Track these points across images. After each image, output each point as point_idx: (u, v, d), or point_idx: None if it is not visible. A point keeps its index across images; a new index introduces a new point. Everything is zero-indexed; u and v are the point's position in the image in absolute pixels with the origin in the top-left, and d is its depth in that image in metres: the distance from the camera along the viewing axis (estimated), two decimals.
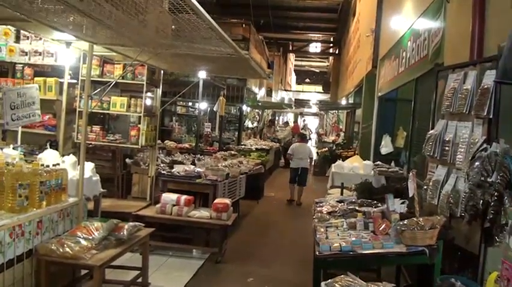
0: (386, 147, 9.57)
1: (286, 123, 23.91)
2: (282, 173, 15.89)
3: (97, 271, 3.47)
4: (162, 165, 7.30)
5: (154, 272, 5.03)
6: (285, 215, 9.21)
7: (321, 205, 4.43)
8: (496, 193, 3.03)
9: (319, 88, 35.89)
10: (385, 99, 9.73)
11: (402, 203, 3.69)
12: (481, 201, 3.05)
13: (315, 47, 32.72)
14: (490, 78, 3.21)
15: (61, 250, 3.45)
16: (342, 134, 18.59)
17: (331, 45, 29.84)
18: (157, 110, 6.87)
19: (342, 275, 2.54)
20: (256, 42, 14.45)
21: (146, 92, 6.31)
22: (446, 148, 3.66)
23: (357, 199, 4.48)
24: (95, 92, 5.24)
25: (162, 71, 6.77)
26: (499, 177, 3.00)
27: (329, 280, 2.54)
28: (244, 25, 13.00)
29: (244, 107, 15.07)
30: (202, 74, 7.87)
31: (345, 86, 20.76)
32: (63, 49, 4.95)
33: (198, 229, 6.20)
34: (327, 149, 17.64)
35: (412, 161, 5.94)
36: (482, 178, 3.03)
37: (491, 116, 3.18)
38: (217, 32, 3.58)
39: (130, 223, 4.21)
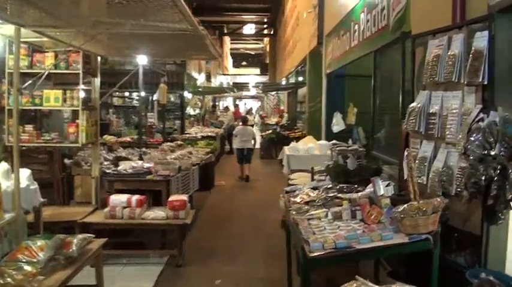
0: (338, 125, 9.36)
1: (227, 108, 23.32)
2: (229, 159, 15.40)
3: None
4: (105, 163, 6.56)
5: (110, 286, 4.40)
6: (241, 203, 8.76)
7: (294, 194, 3.99)
8: (499, 167, 2.75)
9: (257, 71, 35.57)
10: (333, 76, 9.47)
11: (387, 185, 3.33)
12: (484, 177, 2.75)
13: (249, 29, 32.26)
14: (482, 41, 2.89)
15: (1, 282, 2.77)
16: (286, 115, 18.35)
17: (266, 26, 29.52)
18: (97, 102, 6.11)
19: (353, 282, 2.12)
20: None
21: (83, 82, 5.55)
22: (432, 121, 3.34)
23: (332, 184, 4.09)
24: (25, 85, 4.45)
25: (99, 58, 5.98)
26: (502, 149, 2.71)
27: None
28: None
29: (185, 94, 14.32)
30: (142, 60, 7.09)
31: (284, 66, 20.52)
32: None
33: (152, 231, 5.60)
34: (271, 131, 17.36)
35: (376, 138, 5.67)
36: (485, 151, 2.72)
37: (486, 83, 2.87)
38: None
39: (79, 236, 3.56)
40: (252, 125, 22.11)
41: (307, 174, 5.78)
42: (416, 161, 3.45)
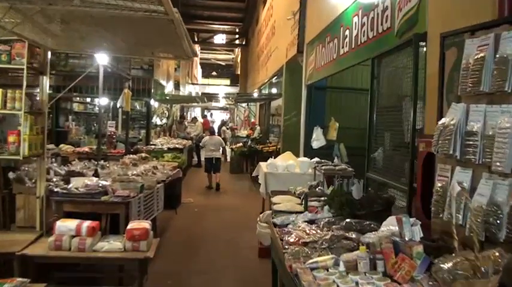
0: (318, 140, 8.67)
1: (195, 119, 22.32)
2: (196, 172, 14.48)
3: None
4: (55, 179, 5.53)
5: None
6: (212, 225, 7.86)
7: (287, 229, 3.16)
8: None
9: (227, 82, 34.74)
10: (314, 88, 8.78)
11: (412, 225, 2.55)
12: None
13: (221, 39, 31.53)
14: None
15: None
16: (258, 127, 17.57)
17: (237, 36, 28.85)
18: (45, 105, 5.11)
19: None
20: None
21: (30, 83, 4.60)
22: (471, 143, 2.60)
23: (334, 217, 3.29)
24: None
25: (49, 53, 5.01)
26: None
27: None
28: None
29: (152, 102, 13.33)
30: (102, 60, 6.17)
31: (257, 77, 19.81)
32: None
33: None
34: (241, 144, 16.53)
35: (372, 158, 4.93)
36: None
37: None
38: None
39: (19, 280, 2.61)
40: (224, 138, 21.28)
41: (293, 198, 4.97)
42: (448, 194, 2.69)
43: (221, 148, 12.04)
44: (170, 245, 6.34)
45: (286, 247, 2.82)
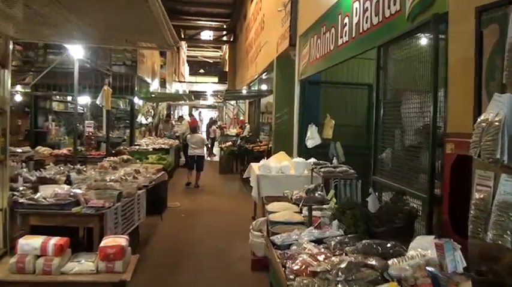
0: (313, 139, 8.12)
1: (181, 118, 21.61)
2: (184, 173, 13.75)
3: None
4: (21, 188, 4.90)
5: None
6: (200, 232, 7.26)
7: (290, 253, 2.59)
8: None
9: (214, 79, 34.02)
10: (308, 83, 8.22)
11: (454, 248, 2.00)
12: None
13: (208, 36, 30.85)
14: None
15: None
16: (247, 126, 16.98)
17: (225, 32, 28.17)
18: (6, 103, 4.48)
19: None
20: None
21: None
22: None
23: (345, 235, 2.72)
24: None
25: (11, 44, 4.37)
26: None
27: None
28: None
29: (136, 100, 12.67)
30: (77, 53, 5.53)
31: (246, 74, 19.21)
32: None
33: None
34: (231, 143, 15.93)
35: (379, 159, 4.39)
36: None
37: None
38: None
39: None
40: (214, 137, 20.68)
41: (290, 205, 4.42)
42: (492, 208, 2.15)
43: (204, 146, 12.02)
44: (153, 256, 5.73)
45: (291, 277, 2.25)
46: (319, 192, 4.93)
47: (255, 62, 16.03)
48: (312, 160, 6.66)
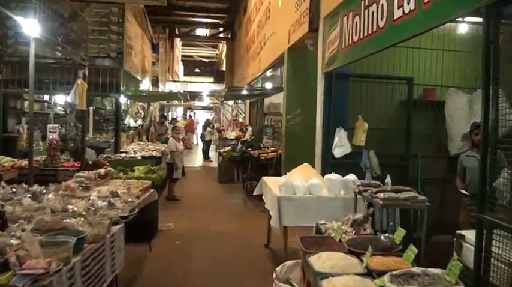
0: (341, 146, 6.52)
1: (174, 120, 19.86)
2: (180, 184, 11.79)
3: None
4: None
5: None
6: (199, 267, 5.57)
7: None
8: None
9: (210, 79, 32.33)
10: (336, 76, 6.55)
11: None
12: None
13: (204, 34, 29.17)
14: None
15: None
16: (250, 128, 15.28)
17: (222, 29, 26.48)
18: None
19: None
20: (135, 9, 10.41)
21: None
22: None
23: None
24: None
25: None
26: None
27: None
28: None
29: (123, 99, 10.92)
30: (30, 27, 3.82)
31: (246, 72, 17.51)
32: None
33: None
34: (230, 147, 14.23)
35: (493, 189, 2.72)
36: None
37: None
38: None
39: None
40: (210, 141, 19.00)
41: (349, 259, 2.75)
42: None
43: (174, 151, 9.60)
44: None
45: None
46: (385, 235, 3.29)
47: (258, 58, 14.34)
48: (351, 177, 4.99)
